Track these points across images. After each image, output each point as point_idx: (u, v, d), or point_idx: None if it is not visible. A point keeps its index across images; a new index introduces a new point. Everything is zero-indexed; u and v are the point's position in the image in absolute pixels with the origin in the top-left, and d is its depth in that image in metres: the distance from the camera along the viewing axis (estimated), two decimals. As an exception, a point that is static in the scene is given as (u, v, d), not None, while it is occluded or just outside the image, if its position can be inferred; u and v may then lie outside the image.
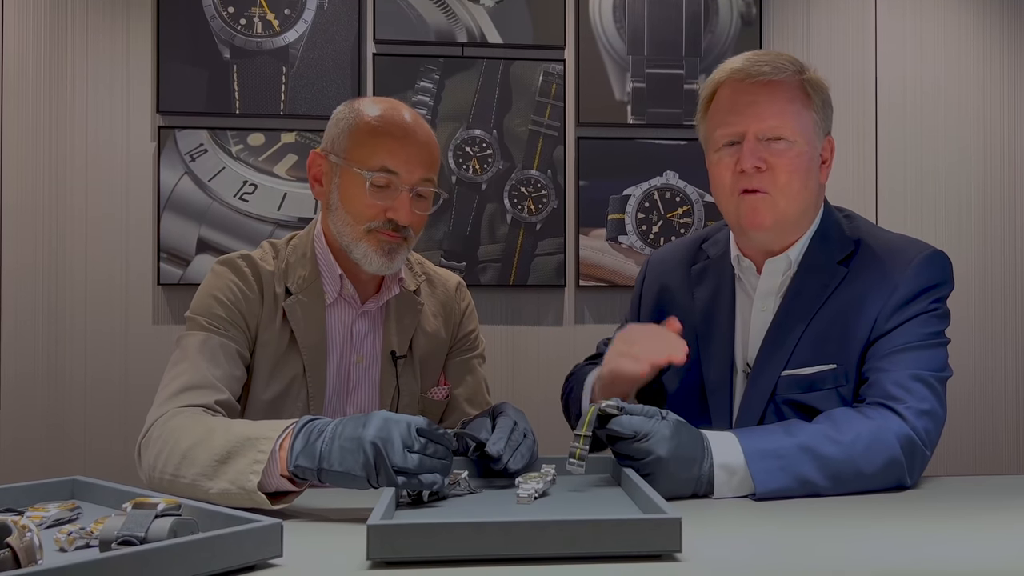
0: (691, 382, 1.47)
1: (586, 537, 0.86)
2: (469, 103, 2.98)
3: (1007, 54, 3.19)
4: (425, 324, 1.53)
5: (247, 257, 1.44)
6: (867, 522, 1.05)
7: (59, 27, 2.85)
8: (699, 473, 1.16)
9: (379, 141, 1.38)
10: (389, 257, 1.40)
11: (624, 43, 3.04)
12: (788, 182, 1.34)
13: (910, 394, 1.26)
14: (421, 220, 1.43)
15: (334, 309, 1.46)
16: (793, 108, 1.35)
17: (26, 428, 2.80)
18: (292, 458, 1.06)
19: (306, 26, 2.93)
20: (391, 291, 1.48)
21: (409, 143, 1.38)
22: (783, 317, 1.38)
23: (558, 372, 3.00)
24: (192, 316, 1.40)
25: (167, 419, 1.24)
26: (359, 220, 1.39)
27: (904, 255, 1.37)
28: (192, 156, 2.88)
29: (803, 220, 1.40)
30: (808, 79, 1.38)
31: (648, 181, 3.03)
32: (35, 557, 0.77)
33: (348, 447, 1.04)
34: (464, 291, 1.63)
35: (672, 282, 1.55)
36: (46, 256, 2.84)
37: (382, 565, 0.86)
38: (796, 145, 1.35)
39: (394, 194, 1.38)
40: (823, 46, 3.11)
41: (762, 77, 1.35)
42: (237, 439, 1.11)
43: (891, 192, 3.12)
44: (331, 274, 1.45)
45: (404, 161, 1.37)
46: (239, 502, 1.07)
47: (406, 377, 1.49)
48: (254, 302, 1.41)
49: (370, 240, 1.39)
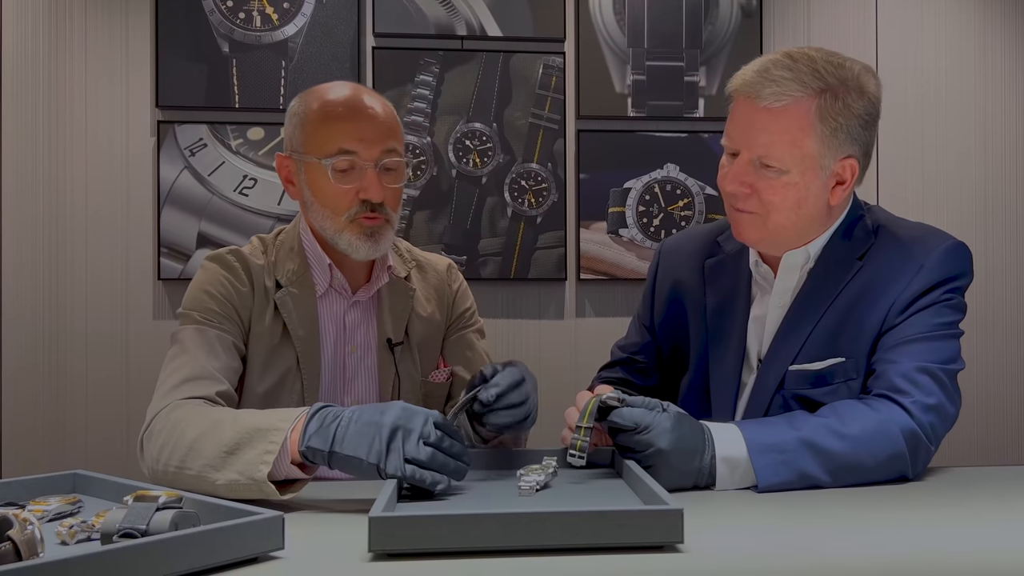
0: (698, 380, 1.46)
1: (588, 528, 0.86)
2: (469, 96, 2.97)
3: (1009, 44, 3.18)
4: (419, 309, 1.53)
5: (236, 252, 1.45)
6: (869, 513, 1.05)
7: (58, 22, 2.85)
8: (700, 465, 1.16)
9: (330, 125, 1.38)
10: (374, 240, 1.40)
11: (624, 35, 3.03)
12: (774, 208, 1.30)
13: (917, 387, 1.24)
14: (395, 194, 1.42)
15: (325, 300, 1.46)
16: (786, 141, 1.27)
17: (27, 422, 2.81)
18: (304, 439, 1.07)
19: (305, 20, 2.92)
20: (381, 279, 1.48)
21: (360, 119, 1.38)
22: (796, 312, 1.36)
23: (559, 365, 3.03)
24: (185, 312, 1.40)
25: (169, 411, 1.24)
26: (336, 211, 1.39)
27: (923, 245, 1.33)
28: (192, 151, 2.87)
29: (803, 233, 1.35)
30: (824, 104, 1.26)
31: (649, 174, 3.02)
32: (36, 550, 0.77)
33: (364, 431, 1.05)
34: (455, 272, 1.62)
35: (685, 275, 1.52)
36: (46, 251, 2.83)
37: (384, 557, 0.86)
38: (786, 175, 1.28)
39: (359, 174, 1.37)
40: (824, 37, 3.10)
41: (760, 101, 1.27)
42: (246, 430, 1.11)
43: (893, 185, 3.11)
44: (320, 265, 1.45)
45: (359, 139, 1.37)
46: (246, 493, 1.07)
47: (405, 363, 1.49)
48: (246, 295, 1.42)
49: (352, 229, 1.39)
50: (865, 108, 1.30)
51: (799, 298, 1.37)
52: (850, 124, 1.29)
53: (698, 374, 1.46)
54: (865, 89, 1.30)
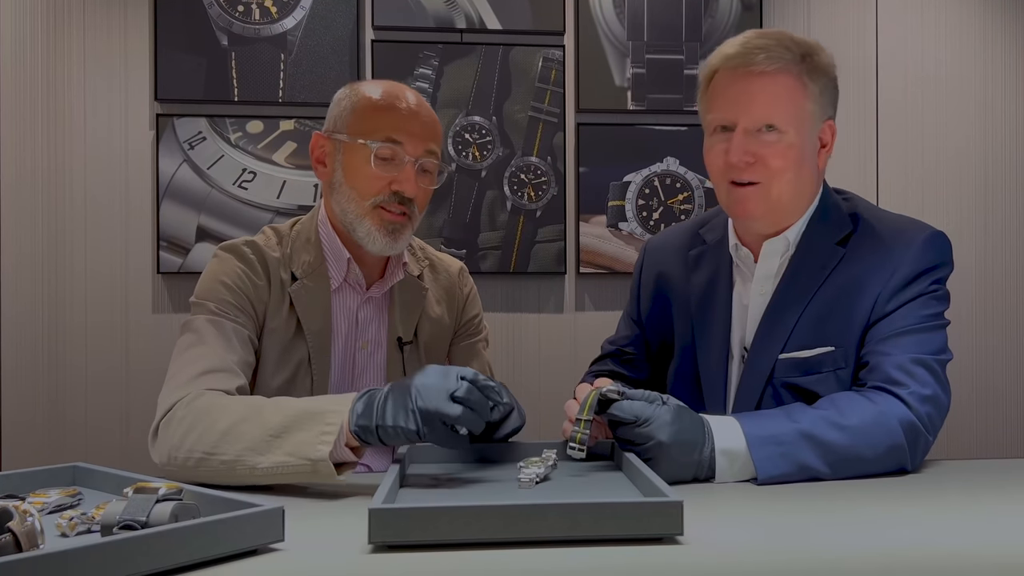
0: (686, 369, 1.47)
1: (587, 520, 0.86)
2: (468, 89, 2.97)
3: (1009, 40, 3.17)
4: (429, 310, 1.53)
5: (251, 244, 1.43)
6: (869, 506, 1.05)
7: (57, 15, 2.84)
8: (700, 458, 1.16)
9: (383, 114, 1.39)
10: (393, 237, 1.40)
11: (624, 28, 3.02)
12: (779, 171, 1.33)
13: (913, 379, 1.26)
14: (426, 195, 1.43)
15: (339, 295, 1.46)
16: (786, 99, 1.33)
17: (27, 415, 2.81)
18: (353, 419, 1.09)
19: (304, 12, 2.91)
20: (396, 276, 1.48)
21: (413, 116, 1.40)
22: (780, 299, 1.38)
23: (559, 359, 3.03)
24: (200, 301, 1.38)
25: (193, 399, 1.23)
26: (364, 195, 1.39)
27: (905, 235, 1.36)
28: (191, 144, 2.87)
29: (798, 205, 1.39)
30: (809, 66, 1.34)
31: (648, 167, 3.02)
32: (37, 542, 0.77)
33: (398, 399, 1.08)
34: (467, 276, 1.63)
35: (670, 268, 1.55)
36: (46, 245, 2.83)
37: (384, 549, 0.86)
38: (787, 136, 1.33)
39: (399, 166, 1.38)
40: (823, 30, 3.10)
41: (755, 67, 1.32)
42: (297, 414, 1.12)
43: (892, 176, 3.11)
44: (337, 258, 1.44)
45: (408, 133, 1.38)
46: (292, 477, 1.09)
47: (412, 363, 1.49)
48: (262, 289, 1.40)
49: (374, 218, 1.39)
50: (832, 75, 1.38)
51: (782, 285, 1.39)
52: (828, 85, 1.37)
53: (684, 362, 1.47)
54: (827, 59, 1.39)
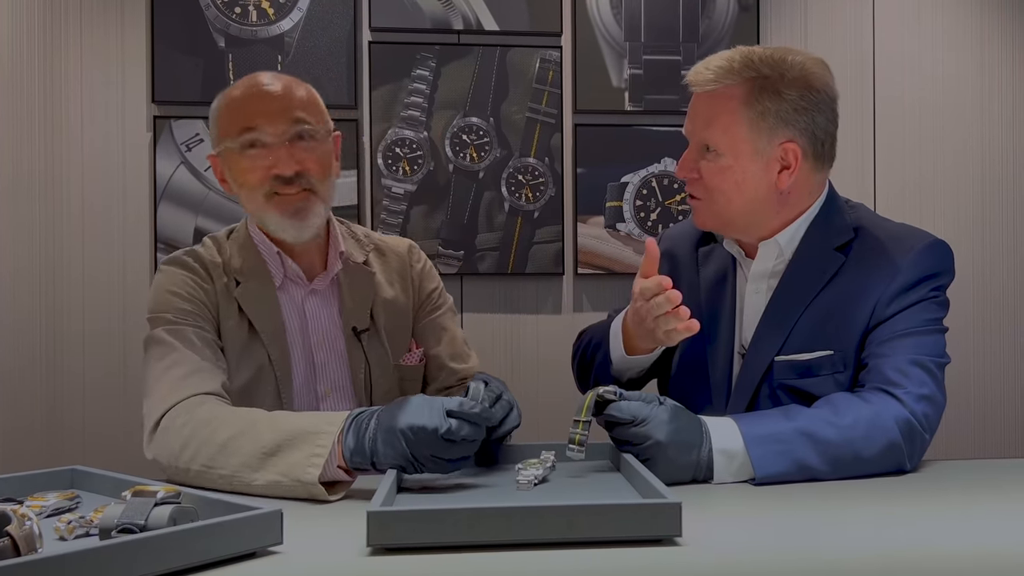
0: (695, 360, 1.48)
1: (586, 522, 0.86)
2: (466, 91, 2.97)
3: (1006, 41, 3.18)
4: (382, 293, 1.53)
5: (192, 252, 1.46)
6: (867, 506, 1.06)
7: (53, 17, 2.83)
8: (698, 458, 1.16)
9: (235, 109, 1.41)
10: (299, 217, 1.41)
11: (621, 29, 3.02)
12: (716, 191, 1.37)
13: (909, 379, 1.27)
14: (317, 162, 1.42)
15: (284, 292, 1.47)
16: (724, 121, 1.34)
17: (25, 420, 2.80)
18: (348, 454, 1.08)
19: (301, 14, 2.91)
20: (336, 266, 1.49)
21: (261, 98, 1.40)
22: (779, 302, 1.39)
23: (557, 360, 3.02)
24: (156, 315, 1.40)
25: (191, 407, 1.24)
26: (253, 189, 1.40)
27: (905, 243, 1.37)
28: (188, 146, 2.87)
29: (761, 220, 1.39)
30: (762, 86, 1.33)
31: (646, 168, 3.02)
32: (35, 545, 0.77)
33: (388, 439, 1.06)
34: (417, 252, 1.62)
35: (683, 258, 1.58)
36: (42, 247, 2.83)
37: (382, 551, 0.86)
38: (722, 159, 1.35)
39: (268, 151, 1.38)
40: (820, 31, 3.10)
41: (697, 88, 1.37)
42: (290, 432, 1.12)
43: (889, 181, 3.11)
44: (271, 256, 1.46)
45: (263, 114, 1.38)
46: (290, 493, 1.09)
47: (374, 349, 1.49)
48: (211, 292, 1.43)
49: (273, 207, 1.40)
50: (800, 94, 1.34)
51: (780, 288, 1.40)
52: (780, 109, 1.33)
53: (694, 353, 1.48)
54: (808, 78, 1.35)
